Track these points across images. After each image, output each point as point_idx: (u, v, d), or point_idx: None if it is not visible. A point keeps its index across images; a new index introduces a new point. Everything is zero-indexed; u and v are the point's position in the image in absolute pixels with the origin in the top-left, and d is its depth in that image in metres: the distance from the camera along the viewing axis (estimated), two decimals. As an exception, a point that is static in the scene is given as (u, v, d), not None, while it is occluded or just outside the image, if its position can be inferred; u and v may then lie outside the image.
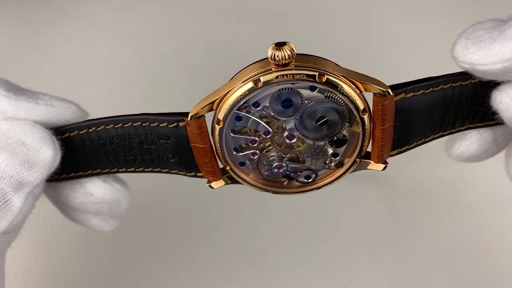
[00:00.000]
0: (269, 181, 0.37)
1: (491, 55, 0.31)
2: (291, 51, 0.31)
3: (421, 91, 0.34)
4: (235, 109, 0.33)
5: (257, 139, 0.35)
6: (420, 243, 0.55)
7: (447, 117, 0.36)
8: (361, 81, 0.32)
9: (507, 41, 0.30)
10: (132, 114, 0.36)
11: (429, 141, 0.37)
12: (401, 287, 0.53)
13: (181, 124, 0.34)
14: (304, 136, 0.34)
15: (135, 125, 0.35)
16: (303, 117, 0.33)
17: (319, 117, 0.33)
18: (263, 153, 0.35)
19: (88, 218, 0.41)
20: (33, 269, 0.53)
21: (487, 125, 0.37)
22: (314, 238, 0.56)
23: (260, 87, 0.31)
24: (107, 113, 0.42)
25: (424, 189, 0.59)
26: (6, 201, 0.33)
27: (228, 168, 0.35)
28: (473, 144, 0.38)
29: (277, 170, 0.36)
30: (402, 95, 0.33)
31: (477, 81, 0.34)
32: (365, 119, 0.33)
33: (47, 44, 0.63)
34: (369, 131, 0.34)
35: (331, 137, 0.34)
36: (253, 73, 0.32)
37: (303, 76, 0.31)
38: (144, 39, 0.64)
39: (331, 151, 0.36)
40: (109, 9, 0.65)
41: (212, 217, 0.58)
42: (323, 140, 0.35)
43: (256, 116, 0.34)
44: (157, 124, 0.35)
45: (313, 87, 0.32)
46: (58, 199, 0.40)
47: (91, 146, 0.37)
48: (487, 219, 0.56)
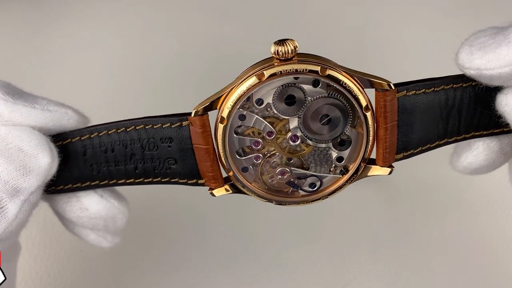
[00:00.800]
0: (273, 191, 0.36)
1: (497, 58, 0.31)
2: (294, 46, 0.31)
3: (422, 90, 0.34)
4: (239, 106, 0.33)
5: (260, 140, 0.35)
6: (420, 243, 0.56)
7: (451, 121, 0.36)
8: (362, 76, 0.33)
9: None
10: (134, 118, 0.35)
11: (434, 147, 0.37)
12: (401, 287, 0.53)
13: (184, 123, 0.34)
14: (307, 137, 0.34)
15: (137, 128, 0.35)
16: (306, 115, 0.33)
17: (322, 115, 0.33)
18: (266, 158, 0.35)
19: (86, 232, 0.40)
20: (33, 269, 0.53)
21: (493, 133, 0.36)
22: (314, 238, 0.56)
23: (263, 81, 0.32)
24: (107, 113, 0.41)
25: (424, 189, 0.59)
26: (1, 207, 0.32)
27: (230, 174, 0.35)
28: (480, 154, 0.37)
29: (281, 176, 0.36)
30: (403, 92, 0.34)
31: (478, 83, 0.34)
32: (368, 117, 0.33)
33: (47, 44, 0.63)
34: (373, 131, 0.34)
35: (335, 138, 0.34)
36: (256, 69, 0.32)
37: (306, 69, 0.32)
38: (144, 39, 0.64)
39: (335, 155, 0.35)
40: (109, 9, 0.65)
41: (212, 218, 0.58)
42: (327, 141, 0.35)
43: (259, 115, 0.34)
44: (160, 125, 0.35)
45: (315, 82, 0.33)
46: (56, 211, 0.39)
47: (92, 153, 0.36)
48: (487, 219, 0.57)
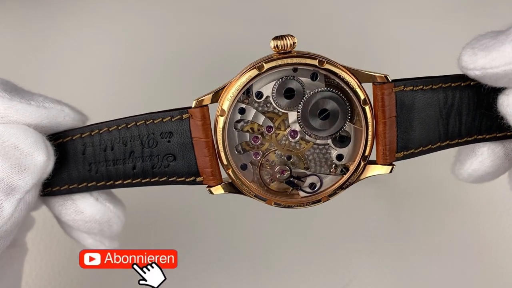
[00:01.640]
0: (272, 191, 0.36)
1: (502, 56, 0.31)
2: (293, 41, 0.33)
3: (420, 87, 0.34)
4: (239, 100, 0.34)
5: (259, 136, 0.35)
6: (420, 243, 0.56)
7: (451, 121, 0.36)
8: (359, 71, 0.34)
9: None
10: (136, 114, 0.36)
11: (435, 149, 0.36)
12: (401, 287, 0.53)
13: (184, 116, 0.34)
14: (306, 132, 0.34)
15: (138, 124, 0.35)
16: (305, 109, 0.34)
17: (321, 110, 0.34)
18: (266, 156, 0.35)
19: (83, 237, 0.40)
20: (33, 269, 0.53)
21: (496, 137, 0.36)
22: (314, 238, 0.56)
23: (263, 72, 0.33)
24: (106, 111, 0.41)
25: (424, 190, 0.59)
26: None
27: (229, 170, 0.35)
28: (486, 160, 0.37)
29: (280, 174, 0.36)
30: (401, 87, 0.34)
31: (477, 83, 0.34)
32: (366, 110, 0.34)
33: (47, 43, 0.63)
34: (372, 126, 0.34)
35: (334, 134, 0.35)
36: (256, 63, 0.33)
37: (305, 62, 0.33)
38: (145, 39, 0.64)
39: (335, 153, 0.36)
40: (109, 9, 0.65)
41: (212, 218, 0.58)
42: (326, 138, 0.35)
43: (259, 110, 0.34)
44: (160, 119, 0.35)
45: (314, 75, 0.34)
46: (53, 214, 0.39)
47: (91, 151, 0.36)
48: (487, 219, 0.57)
